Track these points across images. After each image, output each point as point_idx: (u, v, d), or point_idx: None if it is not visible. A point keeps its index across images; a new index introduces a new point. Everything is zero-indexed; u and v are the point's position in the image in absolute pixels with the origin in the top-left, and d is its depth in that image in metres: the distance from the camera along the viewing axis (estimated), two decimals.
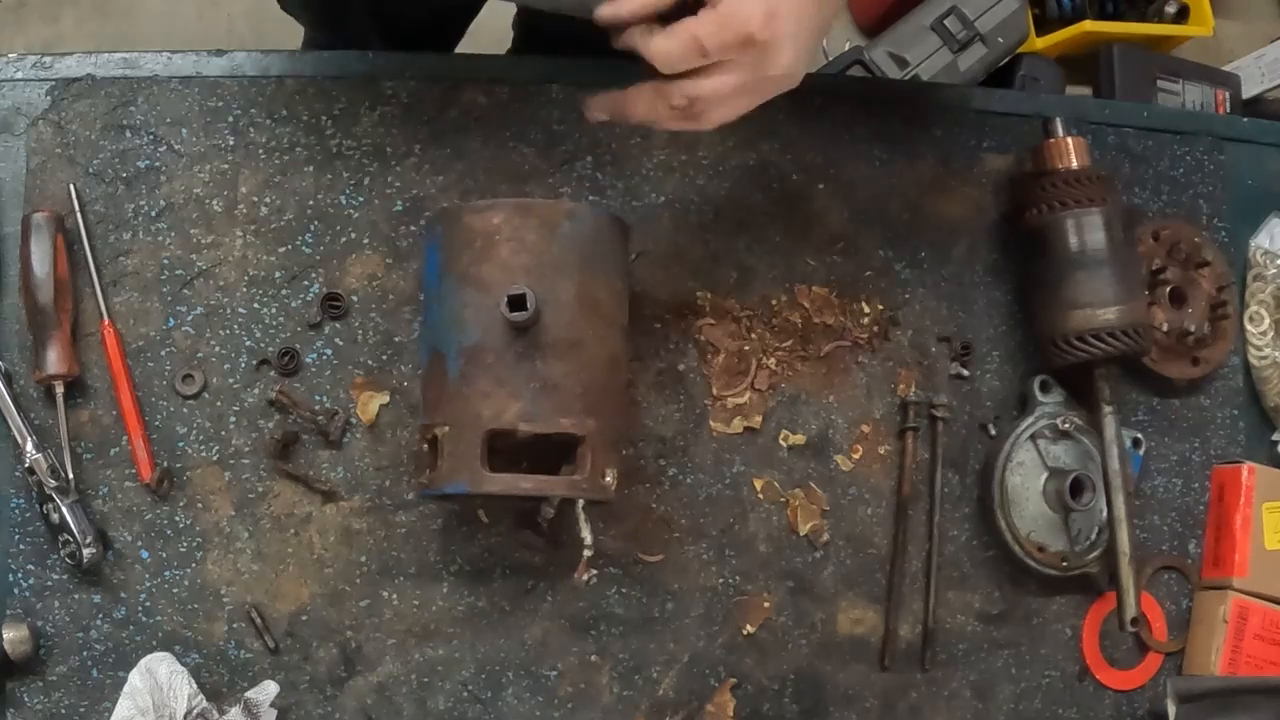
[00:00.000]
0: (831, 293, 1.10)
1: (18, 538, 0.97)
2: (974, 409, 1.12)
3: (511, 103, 1.07)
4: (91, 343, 1.00)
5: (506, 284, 0.89)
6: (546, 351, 0.90)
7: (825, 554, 1.08)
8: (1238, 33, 2.46)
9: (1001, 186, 1.15)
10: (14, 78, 1.02)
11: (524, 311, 0.88)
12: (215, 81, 1.04)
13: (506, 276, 0.90)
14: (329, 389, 1.02)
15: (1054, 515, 1.10)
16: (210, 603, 0.99)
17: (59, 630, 0.97)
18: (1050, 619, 1.12)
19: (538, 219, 0.92)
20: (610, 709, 1.03)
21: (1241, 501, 1.14)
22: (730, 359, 1.08)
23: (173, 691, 0.94)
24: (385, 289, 1.04)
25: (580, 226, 0.92)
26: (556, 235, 0.92)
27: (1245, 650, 1.11)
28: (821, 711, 1.07)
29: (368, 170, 1.05)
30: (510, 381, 0.90)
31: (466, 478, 0.90)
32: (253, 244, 1.03)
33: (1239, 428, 1.18)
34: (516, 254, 0.91)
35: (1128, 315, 1.06)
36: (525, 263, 0.91)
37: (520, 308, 0.88)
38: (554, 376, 0.91)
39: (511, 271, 0.90)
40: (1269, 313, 1.19)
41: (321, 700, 1.00)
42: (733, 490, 1.07)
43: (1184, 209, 1.20)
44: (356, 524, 1.01)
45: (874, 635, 1.09)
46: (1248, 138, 1.24)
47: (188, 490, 1.00)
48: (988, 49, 2.08)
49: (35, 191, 1.01)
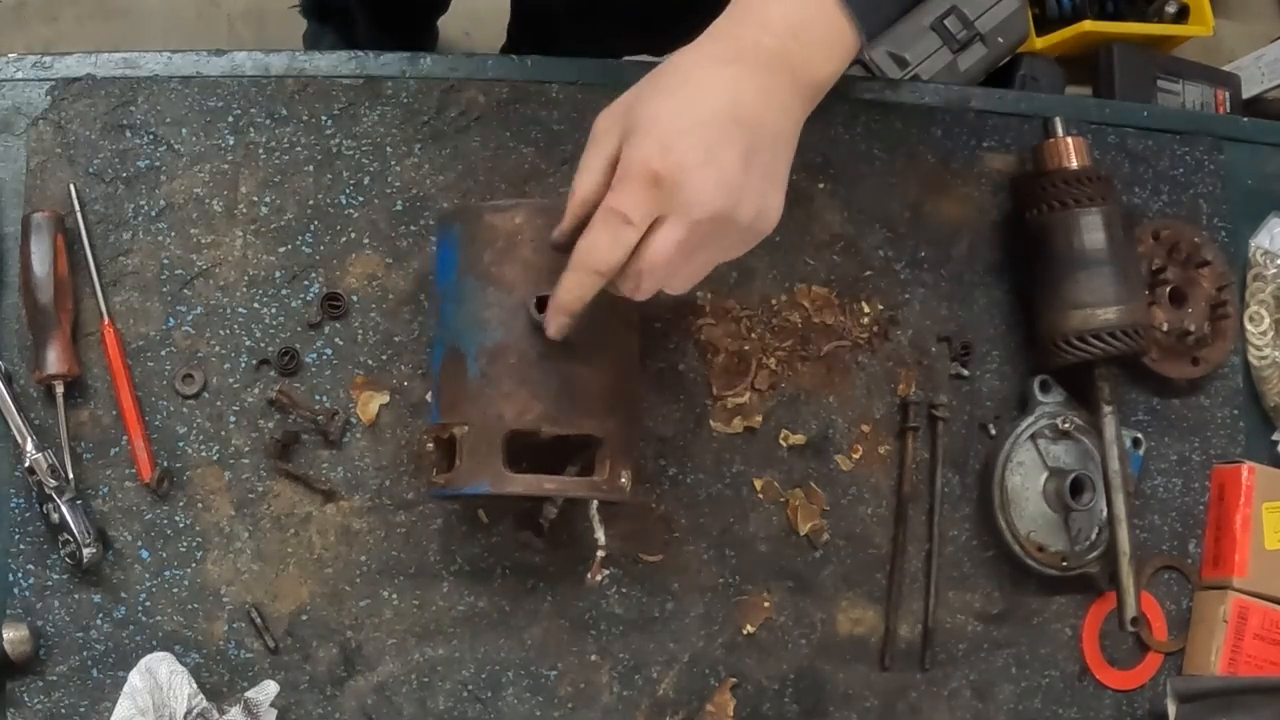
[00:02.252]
0: (831, 293, 1.10)
1: (18, 538, 0.97)
2: (974, 409, 1.12)
3: (511, 103, 1.07)
4: (91, 343, 1.00)
5: (530, 284, 0.89)
6: (569, 352, 0.90)
7: (825, 554, 1.08)
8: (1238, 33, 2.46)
9: (1001, 186, 1.15)
10: (14, 78, 1.02)
11: None
12: (215, 81, 1.04)
13: (530, 276, 0.90)
14: (329, 389, 1.02)
15: (1054, 515, 1.10)
16: (210, 603, 0.99)
17: (59, 630, 0.97)
18: (1050, 619, 1.12)
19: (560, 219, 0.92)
20: (610, 709, 1.03)
21: (1241, 501, 1.14)
22: (730, 359, 1.08)
23: (173, 691, 0.94)
24: (385, 289, 1.04)
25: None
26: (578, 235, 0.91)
27: (1245, 650, 1.11)
28: (821, 711, 1.07)
29: (368, 170, 1.05)
30: (533, 382, 0.90)
31: (489, 478, 0.90)
32: (253, 244, 1.03)
33: (1239, 428, 1.18)
34: (539, 254, 0.90)
35: (1128, 315, 1.06)
36: (549, 263, 0.90)
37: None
38: (577, 378, 0.90)
39: (535, 271, 0.90)
40: (1269, 313, 1.19)
41: (321, 700, 1.00)
42: (733, 490, 1.07)
43: (1184, 209, 1.20)
44: (356, 524, 1.01)
45: (874, 635, 1.09)
46: (1248, 138, 1.24)
47: (188, 490, 1.00)
48: (988, 49, 2.08)
49: (35, 191, 1.01)
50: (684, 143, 0.76)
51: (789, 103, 0.80)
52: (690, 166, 0.76)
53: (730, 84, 0.78)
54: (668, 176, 0.76)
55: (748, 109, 0.78)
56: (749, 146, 0.77)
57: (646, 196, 0.77)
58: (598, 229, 0.79)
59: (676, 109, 0.77)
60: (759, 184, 0.78)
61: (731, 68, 0.79)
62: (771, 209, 0.80)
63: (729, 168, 0.77)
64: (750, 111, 0.78)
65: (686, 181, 0.76)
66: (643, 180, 0.76)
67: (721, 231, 0.79)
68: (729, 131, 0.77)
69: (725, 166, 0.77)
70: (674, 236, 0.78)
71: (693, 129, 0.76)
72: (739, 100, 0.78)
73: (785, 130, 0.80)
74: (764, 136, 0.78)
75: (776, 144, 0.80)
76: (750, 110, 0.78)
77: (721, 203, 0.77)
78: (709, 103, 0.77)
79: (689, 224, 0.77)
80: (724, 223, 0.78)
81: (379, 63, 1.07)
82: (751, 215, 0.79)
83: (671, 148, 0.76)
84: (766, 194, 0.79)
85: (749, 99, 0.78)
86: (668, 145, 0.76)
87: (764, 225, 0.80)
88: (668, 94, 0.79)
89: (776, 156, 0.80)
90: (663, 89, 0.79)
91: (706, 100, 0.78)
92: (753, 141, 0.78)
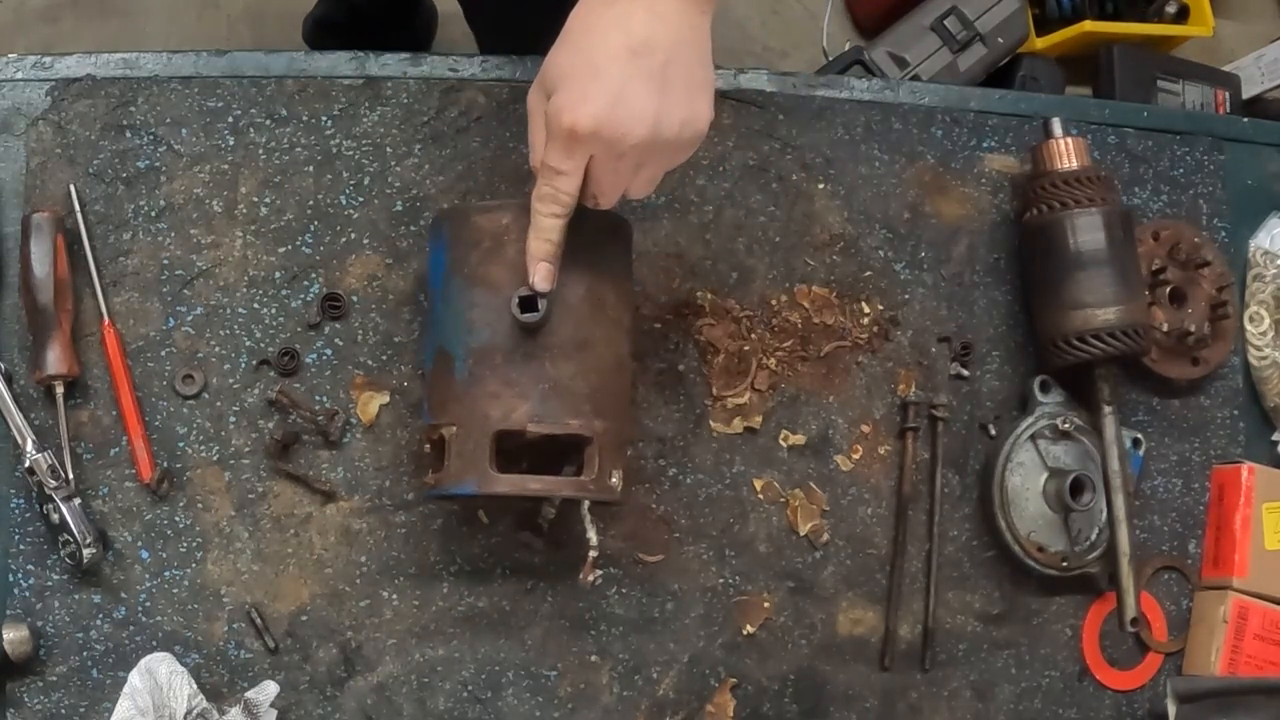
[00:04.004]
0: (831, 293, 1.10)
1: (18, 538, 0.97)
2: (974, 409, 1.12)
3: (511, 103, 1.07)
4: (91, 343, 1.00)
5: (515, 285, 0.89)
6: (555, 352, 0.90)
7: (825, 554, 1.08)
8: (1238, 33, 2.46)
9: (1001, 186, 1.15)
10: (14, 78, 1.02)
11: (535, 313, 0.88)
12: (215, 81, 1.04)
13: (515, 277, 0.90)
14: (329, 389, 1.02)
15: (1054, 515, 1.10)
16: (210, 603, 0.99)
17: (59, 630, 0.97)
18: (1050, 619, 1.12)
19: None
20: (610, 709, 1.03)
21: (1241, 501, 1.14)
22: (730, 359, 1.08)
23: (173, 691, 0.94)
24: (385, 289, 1.04)
25: (588, 227, 0.92)
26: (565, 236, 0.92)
27: (1245, 650, 1.11)
28: (821, 711, 1.07)
29: (368, 170, 1.05)
30: (519, 382, 0.90)
31: (475, 479, 0.90)
32: (253, 244, 1.03)
33: (1239, 428, 1.18)
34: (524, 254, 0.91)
35: (1128, 315, 1.06)
36: None
37: (531, 309, 0.88)
38: (563, 377, 0.90)
39: (520, 272, 0.90)
40: (1269, 313, 1.19)
41: (321, 700, 1.00)
42: (733, 490, 1.07)
43: (1184, 209, 1.20)
44: (356, 524, 1.01)
45: (874, 635, 1.09)
46: (1248, 138, 1.24)
47: (188, 490, 1.00)
48: (988, 49, 2.08)
49: (35, 191, 1.01)
50: (590, 89, 0.82)
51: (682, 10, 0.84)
52: (601, 110, 0.81)
53: (619, 19, 0.83)
54: (582, 126, 0.82)
55: (640, 36, 0.83)
56: (651, 70, 0.82)
57: (571, 148, 0.83)
58: (540, 182, 0.86)
59: (577, 60, 0.84)
60: (676, 99, 0.83)
61: (617, 5, 0.84)
62: (699, 116, 0.85)
63: (637, 98, 0.82)
64: (643, 37, 0.83)
65: (602, 124, 0.82)
66: (562, 136, 0.83)
67: (654, 150, 0.84)
68: (629, 65, 0.82)
69: (633, 98, 0.82)
70: (608, 169, 0.85)
71: (594, 74, 0.82)
72: (630, 31, 0.83)
73: (686, 38, 0.84)
74: (663, 55, 0.83)
75: (681, 56, 0.84)
76: (643, 36, 0.83)
77: (641, 131, 0.82)
78: (604, 44, 0.83)
79: (616, 156, 0.84)
80: (651, 144, 0.83)
81: (379, 63, 1.07)
82: (677, 128, 0.84)
83: (583, 98, 0.82)
84: (687, 104, 0.84)
85: (640, 27, 0.83)
86: (578, 96, 0.82)
87: (694, 132, 0.85)
88: (568, 49, 0.85)
89: (687, 66, 0.84)
90: (564, 46, 0.86)
91: (601, 43, 0.83)
92: (652, 64, 0.82)
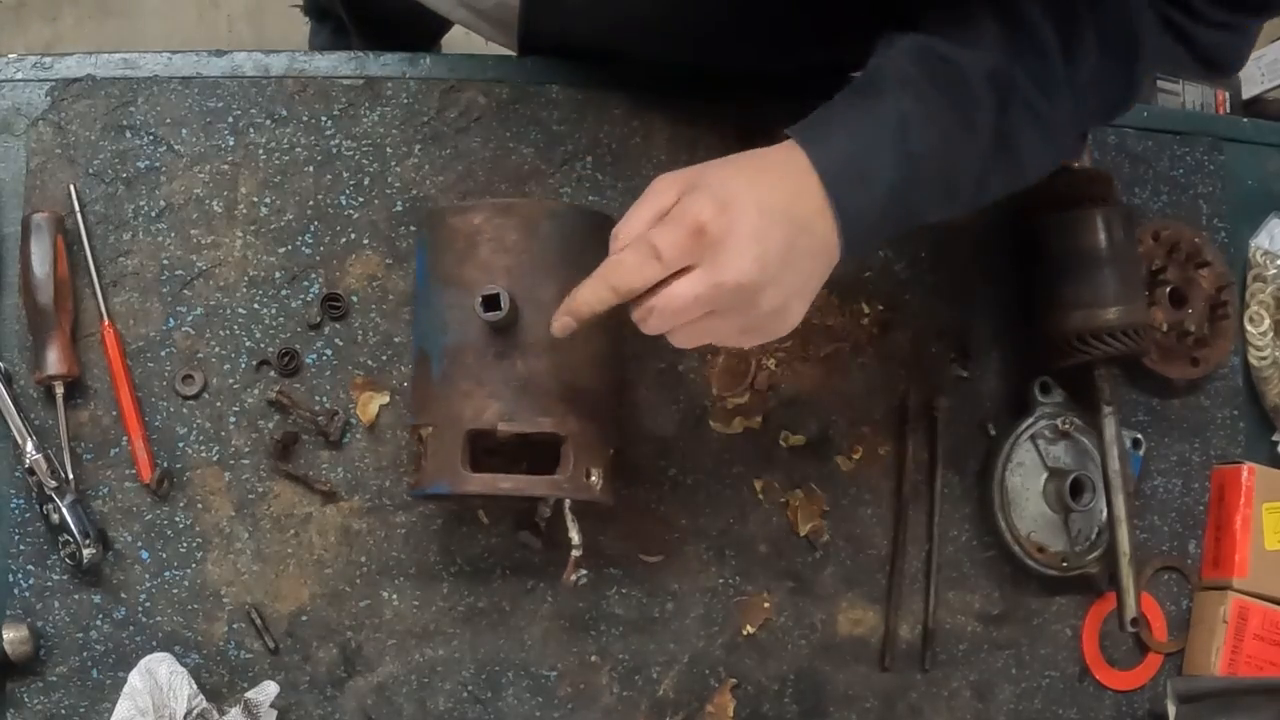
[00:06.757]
0: (831, 293, 1.10)
1: (18, 538, 0.97)
2: (974, 409, 1.12)
3: (511, 103, 1.07)
4: (91, 343, 1.00)
5: (486, 284, 0.89)
6: (526, 351, 0.90)
7: (825, 554, 1.08)
8: None
9: None
10: (14, 78, 1.02)
11: (498, 311, 0.87)
12: (215, 81, 1.04)
13: (486, 277, 0.90)
14: (329, 389, 1.02)
15: (1054, 515, 1.10)
16: (210, 603, 0.99)
17: (59, 630, 0.97)
18: (1050, 619, 1.12)
19: (519, 219, 0.92)
20: (610, 709, 1.03)
21: (1241, 502, 1.14)
22: (730, 359, 1.08)
23: (173, 692, 0.94)
24: (385, 289, 1.04)
25: (563, 226, 0.92)
26: (538, 235, 0.92)
27: (1245, 650, 1.11)
28: (821, 712, 1.07)
29: (368, 171, 1.05)
30: (490, 382, 0.90)
31: (448, 478, 0.91)
32: (253, 244, 1.03)
33: (1239, 428, 1.18)
34: (497, 254, 0.91)
35: (1128, 315, 1.06)
36: (506, 263, 0.91)
37: (494, 307, 0.88)
38: (533, 376, 0.90)
39: (491, 272, 0.90)
40: (1269, 313, 1.19)
41: (321, 700, 1.00)
42: (733, 491, 1.07)
43: (1184, 209, 1.19)
44: (356, 524, 1.01)
45: (874, 635, 1.09)
46: (1248, 138, 1.24)
47: (188, 491, 1.00)
48: None
49: (35, 192, 1.01)
50: (741, 210, 0.78)
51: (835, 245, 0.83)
52: (737, 232, 0.78)
53: (796, 189, 0.82)
54: (713, 232, 0.78)
55: (803, 214, 0.81)
56: (795, 243, 0.80)
57: (685, 242, 0.78)
58: (630, 250, 0.80)
59: (745, 183, 0.80)
60: (792, 280, 0.81)
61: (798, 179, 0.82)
62: (793, 312, 0.82)
63: (772, 250, 0.79)
64: (804, 217, 0.81)
65: (728, 244, 0.78)
66: (688, 227, 0.78)
67: (741, 305, 0.80)
68: (784, 221, 0.80)
69: (769, 247, 0.79)
70: (695, 288, 0.79)
71: (753, 204, 0.79)
72: (799, 204, 0.81)
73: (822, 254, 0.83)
74: (808, 245, 0.81)
75: (815, 260, 0.82)
76: (804, 217, 0.81)
77: (753, 276, 0.78)
78: (775, 191, 0.81)
79: (714, 283, 0.78)
80: (747, 297, 0.79)
81: (379, 63, 1.07)
82: (774, 304, 0.80)
83: (728, 209, 0.78)
84: (794, 294, 0.82)
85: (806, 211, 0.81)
86: (725, 205, 0.78)
87: (780, 323, 0.82)
88: (739, 170, 0.82)
89: (812, 270, 0.82)
90: (736, 165, 0.83)
91: (774, 189, 0.81)
92: (799, 242, 0.80)
